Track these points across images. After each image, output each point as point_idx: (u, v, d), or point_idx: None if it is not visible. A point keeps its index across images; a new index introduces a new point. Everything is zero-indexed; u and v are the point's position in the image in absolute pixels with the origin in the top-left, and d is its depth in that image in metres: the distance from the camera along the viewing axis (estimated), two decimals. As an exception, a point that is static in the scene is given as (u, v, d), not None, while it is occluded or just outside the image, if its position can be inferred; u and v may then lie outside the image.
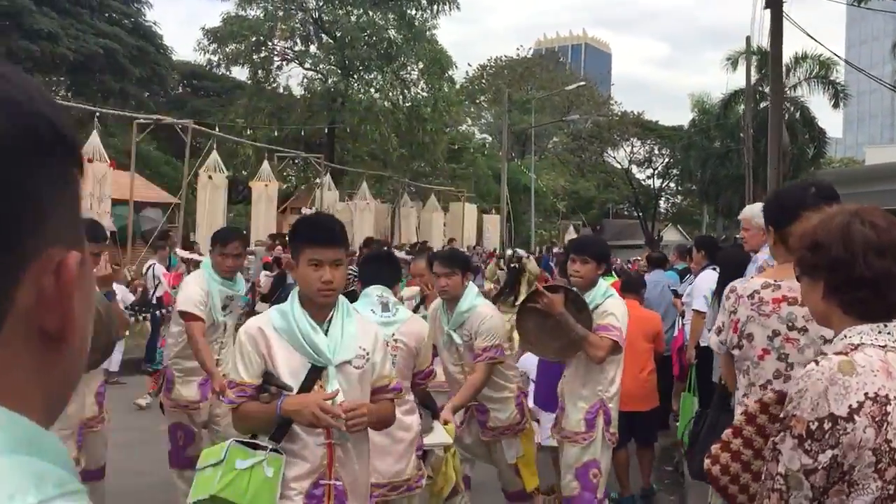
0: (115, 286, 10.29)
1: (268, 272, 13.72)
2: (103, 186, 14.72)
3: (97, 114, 16.23)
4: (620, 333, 4.31)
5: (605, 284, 4.50)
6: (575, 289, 4.51)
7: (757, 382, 2.76)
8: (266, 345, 2.87)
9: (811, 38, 13.50)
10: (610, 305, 4.40)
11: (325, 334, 2.85)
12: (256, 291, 13.76)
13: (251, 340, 2.89)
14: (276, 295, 13.20)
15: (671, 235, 65.71)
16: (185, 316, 4.90)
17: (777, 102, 13.69)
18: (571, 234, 45.37)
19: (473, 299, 4.55)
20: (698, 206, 52.76)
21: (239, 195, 26.77)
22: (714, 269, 6.51)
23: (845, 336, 1.85)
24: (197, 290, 4.95)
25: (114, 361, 10.87)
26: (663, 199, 60.45)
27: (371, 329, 3.01)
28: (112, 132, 24.97)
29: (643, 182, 58.77)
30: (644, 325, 6.19)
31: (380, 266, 3.89)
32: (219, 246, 5.16)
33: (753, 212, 5.61)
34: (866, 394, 1.74)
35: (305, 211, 22.52)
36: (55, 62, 29.57)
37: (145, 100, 34.50)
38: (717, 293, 5.87)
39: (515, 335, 5.07)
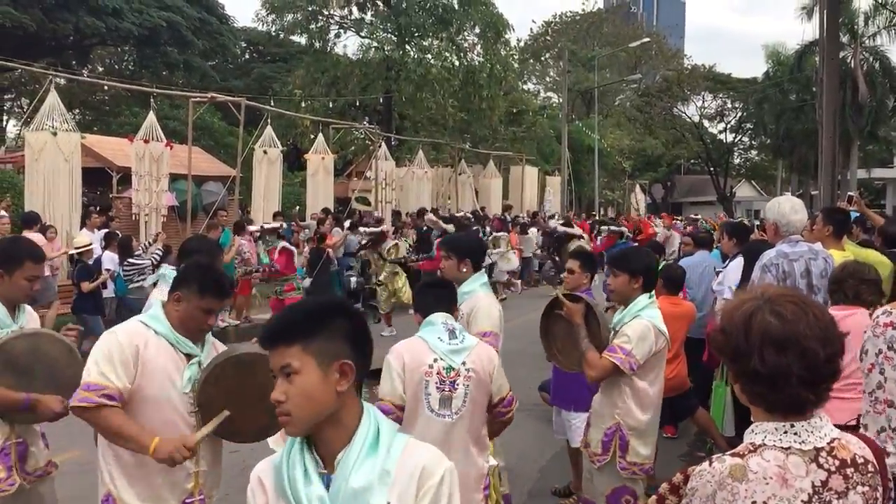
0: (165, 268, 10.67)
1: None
2: (160, 165, 15.11)
3: (153, 94, 16.58)
4: (629, 357, 4.01)
5: (643, 302, 4.18)
6: (597, 302, 4.43)
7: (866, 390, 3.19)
8: None
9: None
10: (629, 326, 4.10)
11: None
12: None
13: None
14: (315, 268, 13.46)
15: (744, 191, 63.92)
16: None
17: (833, 56, 12.99)
18: (638, 195, 44.57)
19: (473, 284, 4.45)
20: (772, 162, 51.07)
21: (296, 166, 27.09)
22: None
23: (752, 431, 1.79)
24: None
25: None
26: (736, 154, 58.68)
27: (412, 464, 1.85)
28: (178, 104, 25.52)
29: (715, 137, 57.17)
30: (676, 323, 6.11)
31: (439, 292, 3.73)
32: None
33: (768, 208, 5.53)
34: (754, 502, 1.69)
35: (368, 175, 22.69)
36: (121, 37, 30.29)
37: (209, 70, 35.15)
38: (743, 280, 5.75)
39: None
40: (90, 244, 10.76)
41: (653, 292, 4.29)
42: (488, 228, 19.55)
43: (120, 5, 28.88)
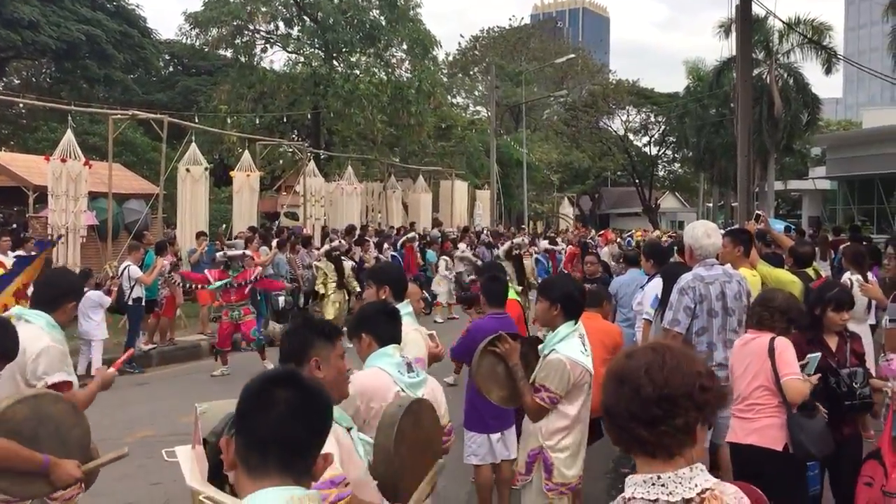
0: (91, 292, 10.30)
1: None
2: (79, 184, 14.64)
3: (71, 112, 16.11)
4: (549, 394, 4.18)
5: (562, 333, 4.29)
6: (543, 335, 4.48)
7: None
8: None
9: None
10: (547, 362, 4.24)
11: None
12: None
13: None
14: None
15: (669, 202, 65.61)
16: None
17: (746, 73, 13.48)
18: (566, 208, 45.28)
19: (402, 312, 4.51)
20: (695, 174, 52.54)
21: (223, 182, 26.67)
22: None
23: (626, 484, 1.79)
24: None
25: (94, 361, 10.95)
26: (660, 166, 60.19)
27: None
28: (98, 119, 24.83)
29: (640, 150, 58.52)
30: (603, 338, 6.19)
31: (394, 323, 3.67)
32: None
33: (685, 232, 5.72)
34: None
35: (298, 189, 22.46)
36: (38, 50, 29.36)
37: (131, 84, 34.34)
38: (661, 304, 5.90)
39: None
40: None
41: (576, 319, 4.37)
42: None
43: (37, 18, 27.97)
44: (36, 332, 3.67)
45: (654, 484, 1.73)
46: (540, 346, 4.41)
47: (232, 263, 11.48)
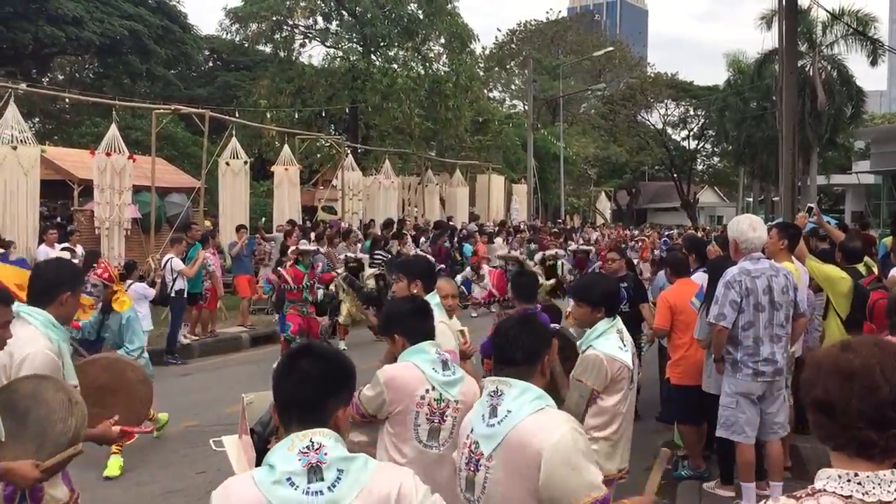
0: (136, 285, 10.42)
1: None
2: (123, 178, 14.91)
3: (116, 107, 16.38)
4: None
5: (600, 329, 4.21)
6: (570, 330, 4.43)
7: None
8: None
9: None
10: (583, 358, 4.14)
11: None
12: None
13: None
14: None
15: (708, 197, 64.80)
16: None
17: (791, 66, 13.19)
18: (603, 202, 44.95)
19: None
20: (734, 168, 51.84)
21: (262, 176, 26.92)
22: (705, 271, 6.47)
23: (818, 478, 1.70)
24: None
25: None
26: (699, 160, 59.48)
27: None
28: (140, 114, 25.20)
29: (678, 144, 57.93)
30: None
31: (425, 319, 3.63)
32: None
33: (729, 225, 5.66)
34: None
35: (335, 183, 22.60)
36: (82, 46, 29.84)
37: (173, 79, 34.76)
38: (707, 298, 5.83)
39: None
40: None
41: (614, 316, 4.33)
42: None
43: (81, 14, 28.42)
44: (30, 333, 3.34)
45: (849, 480, 1.66)
46: (578, 343, 4.35)
47: (303, 259, 11.27)
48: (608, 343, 4.16)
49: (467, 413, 3.27)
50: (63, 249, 11.83)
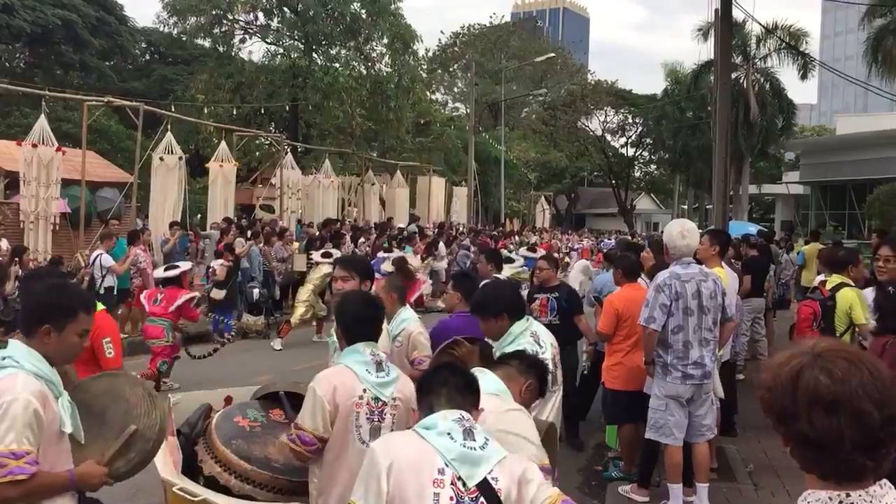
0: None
1: (220, 260, 13.59)
2: (51, 171, 14.42)
3: (45, 97, 15.86)
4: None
5: (515, 332, 4.22)
6: (492, 344, 4.42)
7: None
8: None
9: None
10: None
11: None
12: (210, 278, 13.71)
13: None
14: (230, 282, 13.19)
15: (644, 204, 66.07)
16: None
17: (725, 77, 13.52)
18: (543, 206, 45.39)
19: (408, 313, 4.99)
20: (671, 176, 52.92)
21: (198, 172, 26.46)
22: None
23: (805, 500, 1.63)
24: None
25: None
26: (636, 167, 60.57)
27: None
28: (72, 105, 24.51)
29: (617, 151, 58.85)
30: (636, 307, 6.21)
31: (369, 317, 3.60)
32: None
33: (664, 229, 5.77)
34: None
35: (274, 182, 22.32)
36: (12, 34, 28.90)
37: (107, 71, 33.92)
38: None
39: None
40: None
41: (524, 317, 4.32)
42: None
43: (11, 1, 27.56)
44: (8, 380, 2.74)
45: (841, 502, 1.60)
46: (494, 350, 4.33)
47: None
48: (521, 346, 4.13)
49: (406, 411, 3.42)
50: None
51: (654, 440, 5.56)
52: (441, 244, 19.96)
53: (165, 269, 10.54)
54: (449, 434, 2.40)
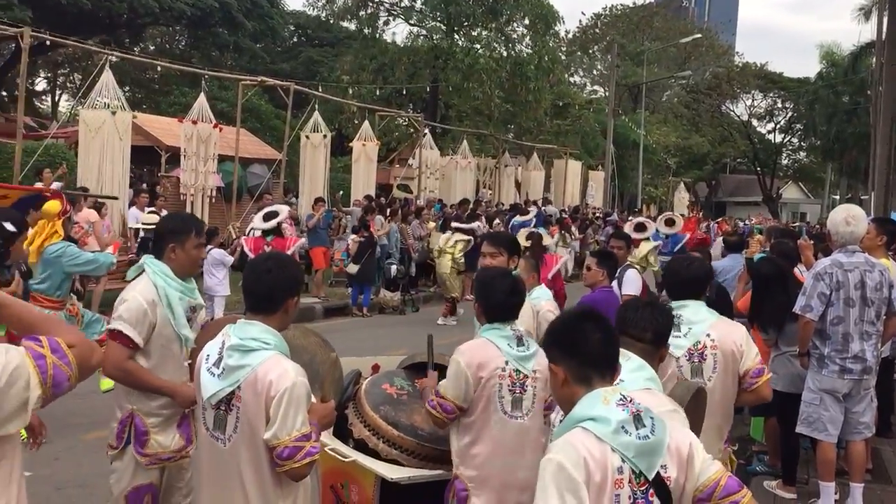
0: (214, 250, 10.67)
1: (355, 235, 14.01)
2: (208, 146, 15.28)
3: (205, 76, 16.75)
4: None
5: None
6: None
7: None
8: None
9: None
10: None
11: None
12: (350, 252, 14.13)
13: None
14: (364, 257, 13.57)
15: (791, 193, 62.84)
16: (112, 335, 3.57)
17: (891, 59, 12.65)
18: (682, 192, 44.03)
19: (541, 291, 4.98)
20: (821, 164, 50.12)
21: (339, 151, 27.26)
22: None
23: None
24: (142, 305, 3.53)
25: (216, 316, 11.36)
26: (784, 155, 57.69)
27: None
28: (226, 86, 25.80)
29: (764, 137, 56.28)
30: None
31: (512, 305, 3.63)
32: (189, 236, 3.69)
33: (830, 217, 5.47)
34: None
35: (411, 162, 22.77)
36: (174, 17, 30.62)
37: (259, 52, 35.42)
38: (753, 304, 5.70)
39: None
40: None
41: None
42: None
43: (174, -15, 29.17)
44: (275, 363, 2.82)
45: None
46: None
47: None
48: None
49: (545, 385, 3.43)
50: (150, 213, 12.18)
51: (799, 436, 5.34)
52: (574, 228, 19.78)
53: (264, 219, 10.78)
54: (623, 428, 2.22)
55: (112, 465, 3.62)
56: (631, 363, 2.77)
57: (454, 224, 14.34)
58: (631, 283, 6.38)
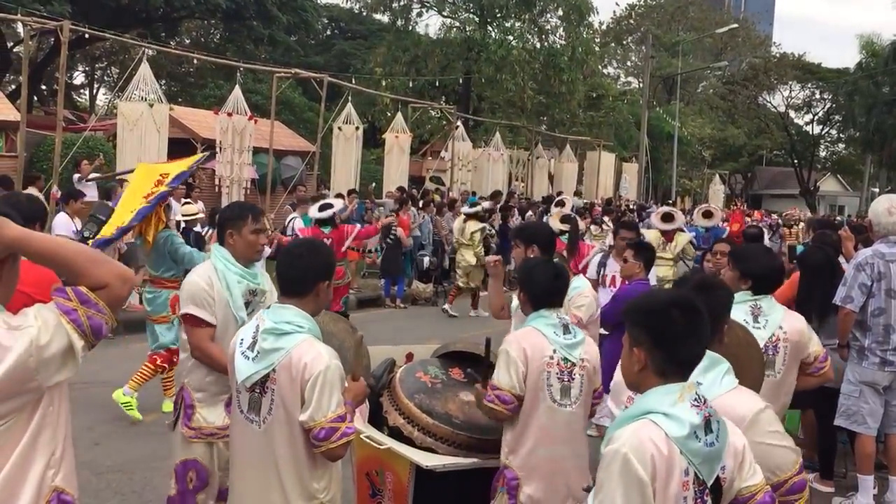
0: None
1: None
2: (243, 138, 15.43)
3: (240, 69, 16.88)
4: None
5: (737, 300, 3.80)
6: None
7: None
8: None
9: None
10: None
11: None
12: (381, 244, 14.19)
13: None
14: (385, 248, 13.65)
15: (829, 185, 61.72)
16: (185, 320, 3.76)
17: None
18: (717, 185, 43.52)
19: (580, 281, 5.00)
20: (861, 156, 49.19)
21: (372, 143, 27.34)
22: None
23: None
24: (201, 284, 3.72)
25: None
26: (822, 146, 56.68)
27: None
28: (260, 78, 25.99)
29: (801, 128, 55.36)
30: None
31: (557, 290, 3.66)
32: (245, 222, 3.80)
33: (871, 207, 5.38)
34: None
35: (444, 154, 22.76)
36: (209, 10, 30.86)
37: (293, 45, 35.61)
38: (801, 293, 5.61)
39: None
40: (198, 213, 10.99)
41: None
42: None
43: (210, -21, 29.35)
44: (309, 347, 2.91)
45: None
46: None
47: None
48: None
49: (591, 373, 3.54)
50: (185, 204, 12.32)
51: (837, 429, 5.27)
52: (608, 220, 19.59)
53: (320, 210, 10.91)
54: (695, 434, 2.14)
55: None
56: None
57: (464, 210, 14.20)
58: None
